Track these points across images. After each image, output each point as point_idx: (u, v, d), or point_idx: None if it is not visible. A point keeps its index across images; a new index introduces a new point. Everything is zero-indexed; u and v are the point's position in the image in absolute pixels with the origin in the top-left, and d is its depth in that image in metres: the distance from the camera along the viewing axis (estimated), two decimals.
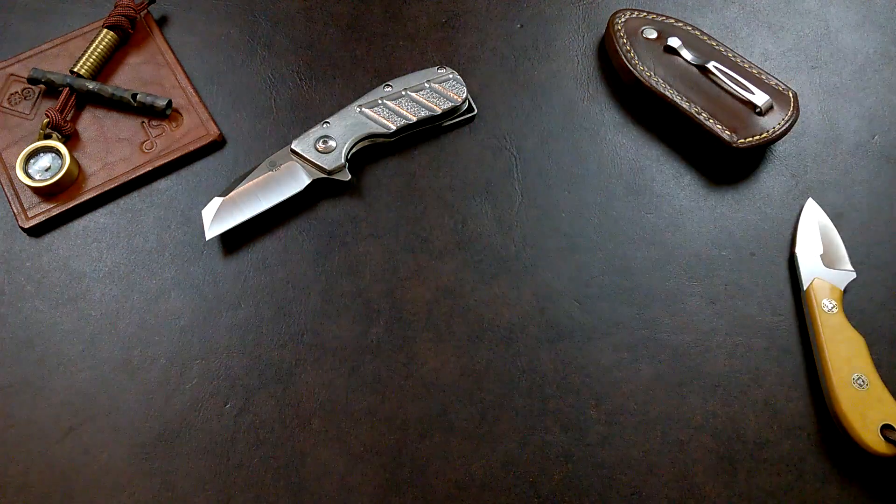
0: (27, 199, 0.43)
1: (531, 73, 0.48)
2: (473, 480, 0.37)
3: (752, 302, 0.41)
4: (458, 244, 0.43)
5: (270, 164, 0.43)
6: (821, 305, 0.40)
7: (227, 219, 0.42)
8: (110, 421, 0.39)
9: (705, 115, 0.44)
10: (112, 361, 0.40)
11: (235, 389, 0.39)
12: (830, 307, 0.40)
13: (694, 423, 0.38)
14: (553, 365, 0.40)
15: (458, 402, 0.39)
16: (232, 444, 0.38)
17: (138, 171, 0.44)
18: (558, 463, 0.37)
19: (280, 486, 0.37)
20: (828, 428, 0.38)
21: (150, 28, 0.49)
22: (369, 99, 0.45)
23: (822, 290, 0.40)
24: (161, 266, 0.42)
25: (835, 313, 0.39)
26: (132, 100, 0.45)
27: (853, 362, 0.38)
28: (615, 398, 0.39)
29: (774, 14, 0.50)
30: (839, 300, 0.40)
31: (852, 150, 0.46)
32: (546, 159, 0.45)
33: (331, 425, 0.38)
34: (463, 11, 0.50)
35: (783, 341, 0.40)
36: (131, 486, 0.37)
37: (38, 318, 0.41)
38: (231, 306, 0.41)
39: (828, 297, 0.40)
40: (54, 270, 0.42)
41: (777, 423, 0.38)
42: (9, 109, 0.46)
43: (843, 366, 0.38)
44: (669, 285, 0.42)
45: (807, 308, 0.40)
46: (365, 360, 0.40)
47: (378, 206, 0.44)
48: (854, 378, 0.37)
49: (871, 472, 0.37)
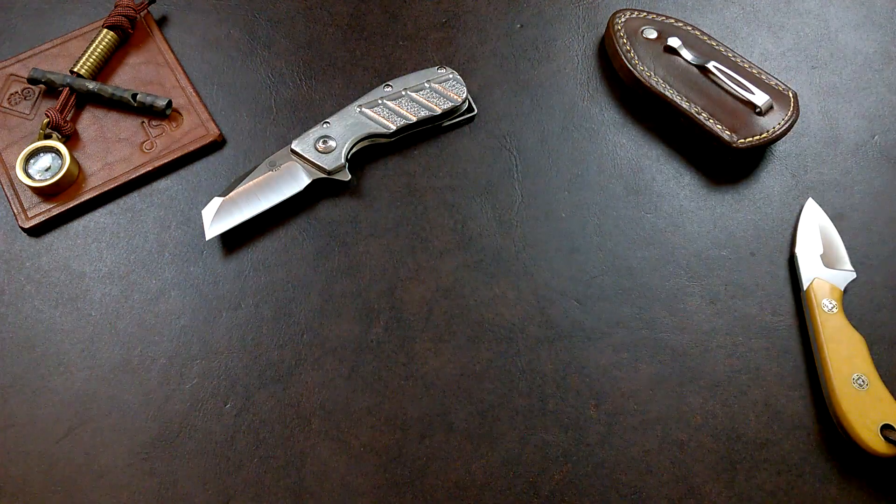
0: (27, 199, 0.43)
1: (531, 73, 0.48)
2: (473, 480, 0.37)
3: (752, 302, 0.41)
4: (458, 244, 0.43)
5: (270, 164, 0.43)
6: (821, 305, 0.40)
7: (227, 219, 0.42)
8: (110, 421, 0.39)
9: (705, 115, 0.44)
10: (112, 361, 0.40)
11: (235, 389, 0.39)
12: (830, 307, 0.40)
13: (694, 423, 0.38)
14: (553, 365, 0.40)
15: (458, 402, 0.39)
16: (232, 444, 0.38)
17: (138, 171, 0.44)
18: (558, 463, 0.37)
19: (280, 486, 0.37)
20: (828, 428, 0.38)
21: (150, 28, 0.49)
22: (369, 99, 0.45)
23: (822, 290, 0.40)
24: (161, 266, 0.42)
25: (835, 313, 0.39)
26: (132, 100, 0.45)
27: (853, 362, 0.38)
28: (615, 398, 0.39)
29: (774, 14, 0.50)
30: (839, 300, 0.40)
31: (852, 150, 0.46)
32: (546, 159, 0.45)
33: (331, 425, 0.38)
34: (463, 11, 0.50)
35: (783, 341, 0.40)
36: (131, 486, 0.37)
37: (38, 318, 0.41)
38: (231, 306, 0.41)
39: (828, 297, 0.40)
40: (54, 270, 0.42)
41: (777, 423, 0.38)
42: (9, 109, 0.46)
43: (843, 366, 0.38)
44: (669, 285, 0.42)
45: (807, 308, 0.40)
46: (365, 360, 0.40)
47: (378, 206, 0.44)
48: (854, 378, 0.37)
49: (871, 473, 0.37)
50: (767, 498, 0.37)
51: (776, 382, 0.39)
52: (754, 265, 0.42)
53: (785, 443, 0.38)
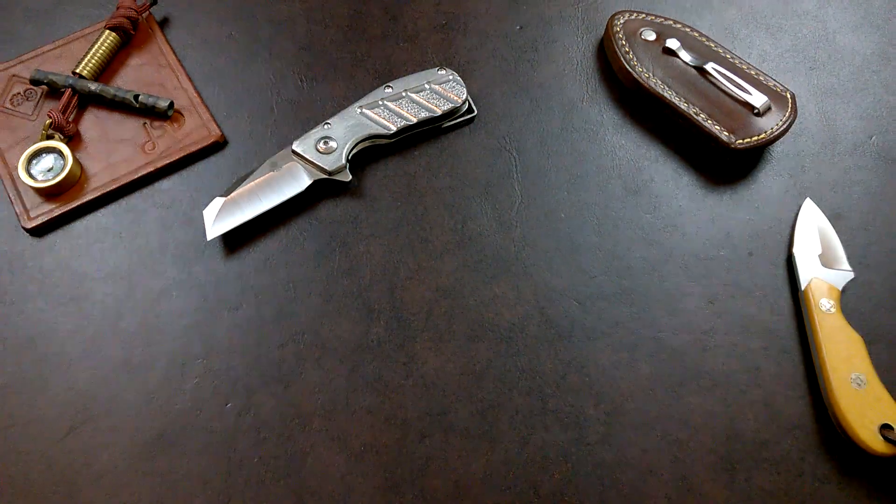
0: (30, 200, 0.44)
1: (531, 74, 0.48)
2: (473, 480, 0.37)
3: (750, 302, 0.42)
4: (458, 244, 0.43)
5: (272, 164, 0.43)
6: (819, 305, 0.40)
7: (229, 219, 0.42)
8: (111, 421, 0.39)
9: (703, 115, 0.44)
10: (113, 361, 0.40)
11: (236, 389, 0.39)
12: (828, 307, 0.40)
13: (693, 423, 0.38)
14: (553, 365, 0.40)
15: (458, 402, 0.39)
16: (233, 444, 0.38)
17: (140, 172, 0.45)
18: (558, 463, 0.37)
19: (280, 486, 0.37)
20: (827, 427, 0.38)
21: (152, 29, 0.49)
22: (370, 100, 0.45)
23: (820, 290, 0.40)
24: (163, 266, 0.43)
25: (833, 313, 0.39)
26: (134, 101, 0.46)
27: (851, 362, 0.38)
28: (615, 398, 0.39)
29: (773, 15, 0.50)
30: (837, 300, 0.40)
31: (850, 151, 0.46)
32: (546, 159, 0.45)
33: (331, 425, 0.38)
34: (463, 13, 0.50)
35: (781, 341, 0.41)
36: (131, 486, 0.37)
37: (39, 318, 0.41)
38: (232, 306, 0.41)
39: (826, 297, 0.40)
40: (56, 270, 0.43)
41: (776, 422, 0.38)
42: (11, 110, 0.46)
43: (841, 365, 0.38)
44: (668, 285, 0.42)
45: (805, 308, 0.40)
46: (365, 360, 0.40)
47: (378, 207, 0.44)
48: (852, 378, 0.37)
49: (870, 472, 0.37)
50: (767, 497, 0.37)
51: (775, 382, 0.39)
52: (752, 265, 0.43)
53: (784, 442, 0.38)
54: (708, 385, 0.39)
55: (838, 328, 0.39)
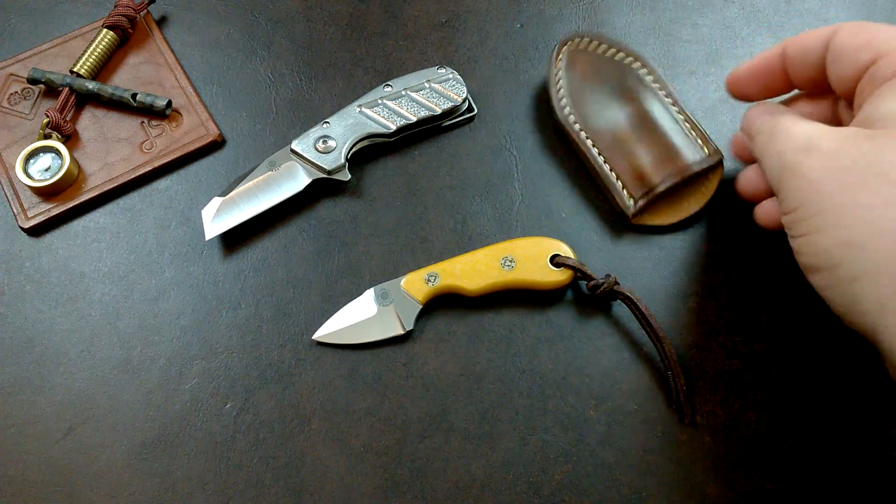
0: (27, 199, 0.43)
1: (531, 73, 0.48)
2: (473, 480, 0.37)
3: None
4: (458, 244, 0.43)
5: (270, 163, 0.43)
6: None
7: (227, 218, 0.42)
8: (110, 421, 0.39)
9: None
10: (112, 361, 0.40)
11: (235, 389, 0.39)
12: None
13: (693, 423, 0.38)
14: (553, 365, 0.40)
15: (458, 402, 0.39)
16: (232, 444, 0.38)
17: (138, 171, 0.44)
18: (558, 463, 0.37)
19: (280, 486, 0.37)
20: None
21: (150, 28, 0.49)
22: (369, 99, 0.45)
23: None
24: (161, 266, 0.42)
25: None
26: (132, 100, 0.45)
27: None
28: (615, 398, 0.39)
29: (775, 14, 0.50)
30: None
31: None
32: (546, 159, 0.45)
33: (331, 425, 0.38)
34: (463, 11, 0.50)
35: None
36: (131, 486, 0.37)
37: (37, 318, 0.41)
38: (231, 306, 0.41)
39: None
40: (54, 270, 0.42)
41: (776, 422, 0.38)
42: (8, 109, 0.46)
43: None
44: (668, 285, 0.42)
45: None
46: (365, 360, 0.40)
47: (378, 206, 0.44)
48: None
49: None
50: (767, 497, 0.37)
51: (775, 382, 0.39)
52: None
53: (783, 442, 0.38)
54: (708, 385, 0.39)
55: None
